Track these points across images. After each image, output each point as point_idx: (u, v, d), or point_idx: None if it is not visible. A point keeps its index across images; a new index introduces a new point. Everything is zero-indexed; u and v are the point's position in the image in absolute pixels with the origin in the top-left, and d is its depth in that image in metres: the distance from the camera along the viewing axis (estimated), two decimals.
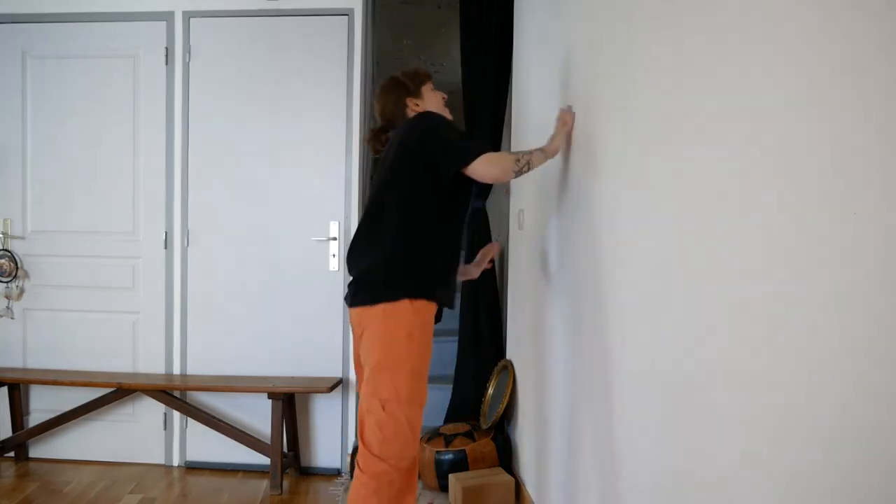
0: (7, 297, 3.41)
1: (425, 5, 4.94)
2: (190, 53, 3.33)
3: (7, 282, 3.39)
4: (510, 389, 2.99)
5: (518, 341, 3.02)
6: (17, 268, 3.38)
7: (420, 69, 2.22)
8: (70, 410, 3.27)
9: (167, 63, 3.34)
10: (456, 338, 3.45)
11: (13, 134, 3.40)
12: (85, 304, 3.39)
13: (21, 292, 3.42)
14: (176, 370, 3.36)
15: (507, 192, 3.44)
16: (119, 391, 3.21)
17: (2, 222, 3.41)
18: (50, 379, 3.22)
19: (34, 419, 3.38)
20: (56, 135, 3.39)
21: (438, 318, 2.00)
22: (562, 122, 2.00)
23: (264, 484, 3.14)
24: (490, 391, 3.17)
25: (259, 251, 3.32)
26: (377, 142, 2.20)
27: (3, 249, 3.38)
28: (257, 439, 3.16)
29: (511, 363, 3.11)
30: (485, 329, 3.33)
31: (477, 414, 3.23)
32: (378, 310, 1.85)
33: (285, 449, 3.22)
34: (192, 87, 3.33)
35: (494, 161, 1.91)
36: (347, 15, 3.28)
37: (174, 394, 3.25)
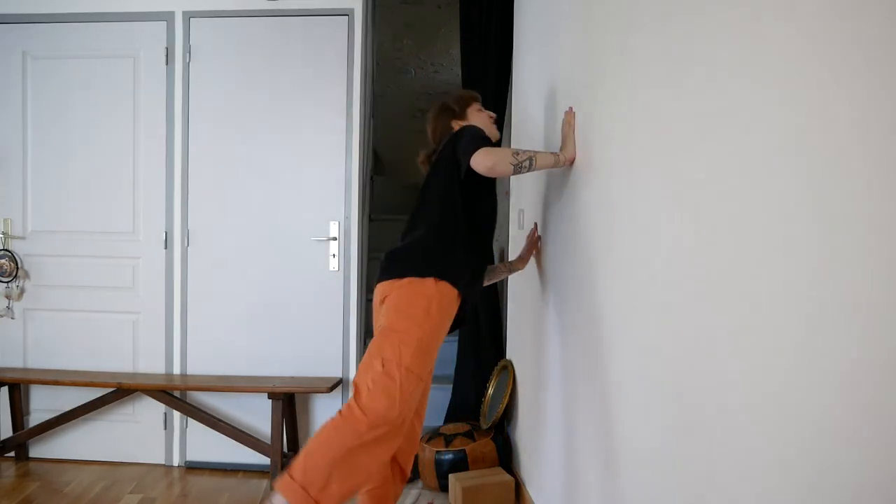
0: (7, 297, 3.41)
1: (425, 5, 4.94)
2: (190, 53, 3.33)
3: (7, 282, 3.39)
4: (510, 389, 2.99)
5: (518, 341, 3.02)
6: (18, 268, 3.39)
7: (467, 93, 2.34)
8: (70, 410, 3.27)
9: (167, 63, 3.35)
10: (456, 338, 3.45)
11: (13, 134, 3.40)
12: (85, 304, 3.39)
13: (21, 292, 3.42)
14: (176, 370, 3.36)
15: (508, 193, 3.44)
16: (119, 391, 3.21)
17: (2, 222, 3.42)
18: (50, 379, 3.22)
19: (34, 419, 3.38)
20: (56, 135, 3.39)
21: (461, 323, 2.10)
22: (568, 126, 2.00)
23: (264, 484, 3.14)
24: (490, 391, 3.17)
25: (259, 251, 3.32)
26: (429, 163, 2.31)
27: (4, 249, 3.38)
28: (257, 439, 3.16)
29: (511, 363, 3.11)
30: (485, 329, 3.33)
31: (477, 414, 3.23)
32: (404, 281, 1.93)
33: (285, 449, 3.22)
34: (192, 87, 3.33)
35: (490, 152, 1.98)
36: (347, 15, 3.28)
37: (174, 394, 3.25)
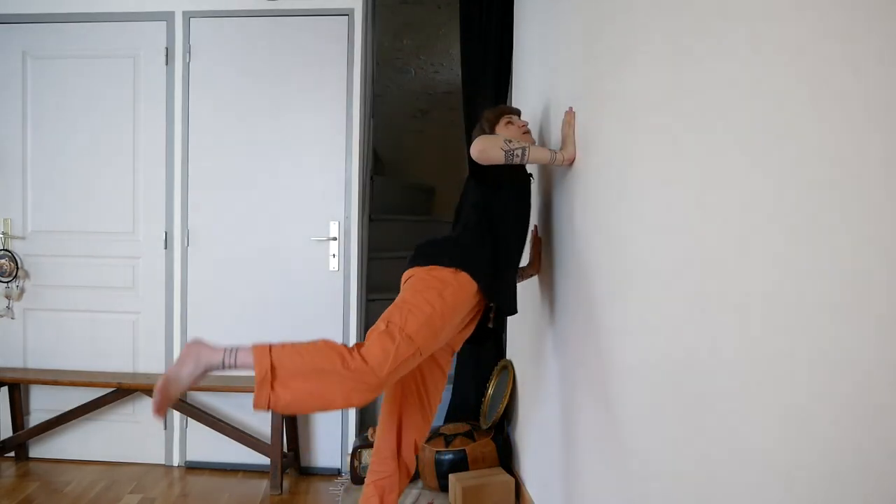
0: (7, 297, 3.41)
1: (425, 5, 4.94)
2: (190, 53, 3.33)
3: (7, 282, 3.39)
4: (510, 389, 2.99)
5: (518, 341, 3.02)
6: (18, 268, 3.39)
7: (500, 109, 2.38)
8: (70, 410, 3.27)
9: (167, 63, 3.35)
10: None
11: (13, 134, 3.40)
12: (85, 304, 3.39)
13: (21, 292, 3.42)
14: None
15: None
16: (119, 391, 3.21)
17: (2, 222, 3.42)
18: (50, 379, 3.23)
19: (34, 419, 3.38)
20: (56, 135, 3.39)
21: (488, 336, 2.18)
22: (568, 126, 2.02)
23: (264, 484, 3.14)
24: (490, 391, 3.17)
25: (259, 251, 3.32)
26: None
27: (4, 249, 3.38)
28: (257, 439, 3.16)
29: (511, 363, 3.11)
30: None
31: (477, 414, 3.23)
32: (425, 269, 2.00)
33: (285, 449, 3.22)
34: (192, 87, 3.33)
35: (481, 138, 2.06)
36: (347, 15, 3.28)
37: None
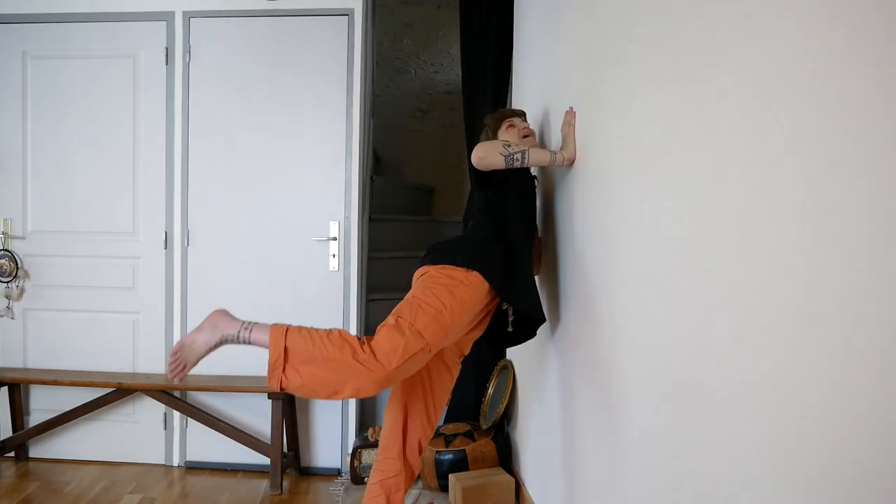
0: (7, 297, 3.41)
1: (425, 5, 4.94)
2: (190, 53, 3.33)
3: (7, 282, 3.39)
4: (510, 389, 2.99)
5: None
6: (18, 268, 3.39)
7: (502, 113, 2.39)
8: (70, 410, 3.27)
9: (167, 63, 3.35)
10: None
11: (13, 134, 3.40)
12: (85, 304, 3.39)
13: (21, 292, 3.42)
14: None
15: None
16: (119, 391, 3.21)
17: (2, 222, 3.42)
18: (50, 379, 3.23)
19: (34, 419, 3.38)
20: (56, 135, 3.39)
21: (506, 341, 2.21)
22: (569, 126, 2.02)
23: (264, 484, 3.14)
24: (490, 391, 3.17)
25: (259, 251, 3.32)
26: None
27: (4, 249, 3.38)
28: (257, 439, 3.16)
29: (511, 363, 3.11)
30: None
31: (477, 414, 3.23)
32: (439, 266, 1.99)
33: (285, 449, 3.22)
34: (192, 88, 3.33)
35: (481, 145, 2.04)
36: (347, 15, 3.28)
37: (174, 394, 3.25)
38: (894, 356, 0.71)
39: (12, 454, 3.36)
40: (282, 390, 1.75)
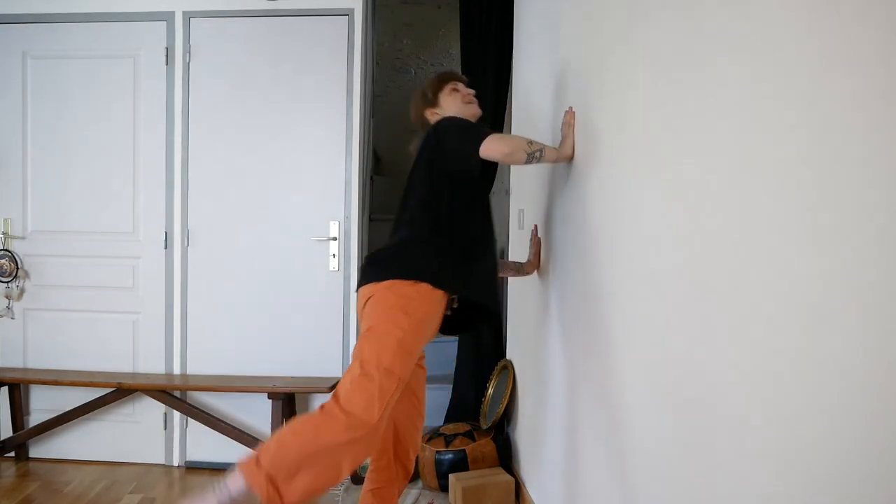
0: (7, 297, 3.41)
1: (425, 5, 4.94)
2: (190, 53, 3.33)
3: (7, 282, 3.39)
4: (510, 389, 2.99)
5: (518, 341, 3.02)
6: (18, 268, 3.38)
7: (441, 75, 2.23)
8: (70, 410, 3.27)
9: (167, 63, 3.34)
10: (456, 338, 3.45)
11: (13, 134, 3.40)
12: (85, 304, 3.39)
13: (21, 292, 3.42)
14: (176, 370, 3.36)
15: (508, 192, 3.44)
16: (119, 391, 3.21)
17: (2, 222, 3.42)
18: (50, 379, 3.22)
19: (34, 419, 3.38)
20: (56, 135, 3.39)
21: (468, 325, 2.12)
22: (568, 125, 2.00)
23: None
24: (490, 391, 3.17)
25: (259, 251, 3.32)
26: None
27: (4, 249, 3.38)
28: (257, 439, 3.16)
29: (511, 363, 3.11)
30: (485, 329, 3.33)
31: (477, 414, 3.23)
32: (384, 284, 1.89)
33: None
34: (193, 87, 3.33)
35: (504, 139, 1.95)
36: (347, 15, 3.28)
37: (174, 394, 3.25)
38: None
39: (12, 454, 3.36)
40: None
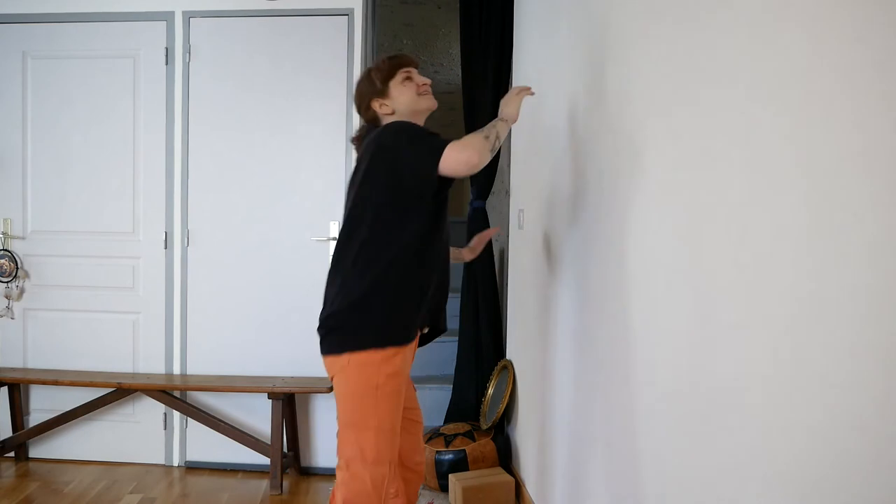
0: (7, 297, 3.41)
1: (425, 5, 4.94)
2: (190, 53, 3.33)
3: (7, 282, 3.39)
4: (510, 389, 2.99)
5: (518, 341, 3.02)
6: (18, 268, 3.38)
7: (391, 59, 1.91)
8: (70, 410, 3.27)
9: (167, 63, 3.34)
10: (456, 338, 3.45)
11: (13, 134, 3.40)
12: (85, 304, 3.39)
13: (21, 292, 3.42)
14: (176, 370, 3.36)
15: (508, 193, 3.44)
16: (119, 391, 3.21)
17: (2, 222, 3.41)
18: (50, 379, 3.22)
19: (34, 419, 3.38)
20: (56, 135, 3.39)
21: (434, 333, 1.93)
22: (518, 91, 1.86)
23: (264, 484, 3.14)
24: (490, 391, 3.17)
25: (259, 251, 3.32)
26: (359, 142, 1.98)
27: (3, 249, 3.38)
28: (257, 439, 3.16)
29: (511, 363, 3.11)
30: (485, 329, 3.33)
31: (477, 414, 3.23)
32: (343, 360, 1.72)
33: (285, 449, 3.22)
34: (192, 87, 3.33)
35: (465, 145, 1.68)
36: (347, 15, 3.28)
37: (174, 394, 3.25)
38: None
39: (12, 454, 3.36)
40: None
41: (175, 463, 3.38)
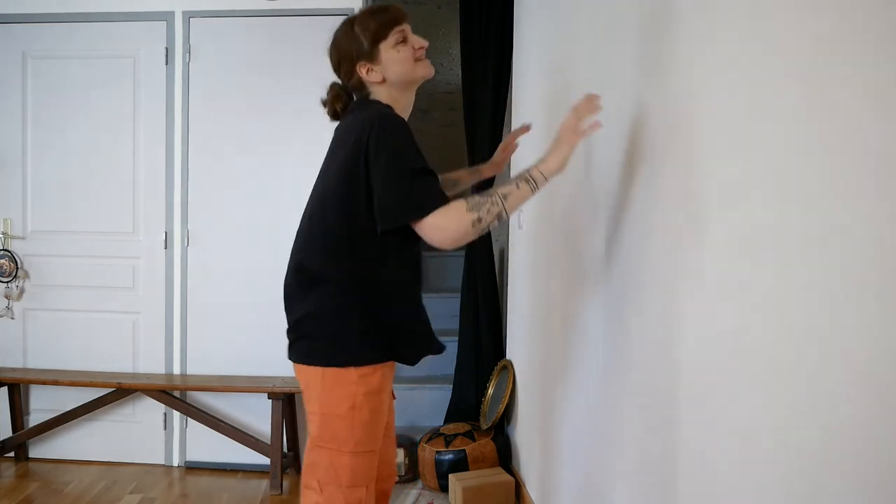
0: (7, 297, 3.41)
1: (425, 5, 4.94)
2: (190, 53, 3.33)
3: (7, 282, 3.39)
4: (510, 389, 2.99)
5: (518, 341, 3.02)
6: (18, 268, 3.38)
7: (381, 15, 1.62)
8: (70, 410, 3.27)
9: (167, 63, 3.34)
10: (456, 338, 3.45)
11: (13, 134, 3.40)
12: (85, 304, 3.39)
13: (21, 292, 3.42)
14: (176, 370, 3.36)
15: None
16: (119, 391, 3.21)
17: (2, 222, 3.41)
18: (50, 379, 3.22)
19: (34, 419, 3.37)
20: (56, 135, 3.39)
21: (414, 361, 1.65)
22: (572, 132, 1.44)
23: (264, 484, 3.14)
24: (490, 391, 3.17)
25: (259, 251, 3.32)
26: (334, 109, 1.72)
27: (3, 249, 3.38)
28: (257, 439, 3.16)
29: (511, 363, 3.10)
30: (485, 329, 3.33)
31: (477, 414, 3.23)
32: (317, 372, 1.51)
33: (285, 449, 3.22)
34: (192, 87, 3.33)
35: (457, 216, 1.42)
36: (347, 15, 3.27)
37: (174, 394, 3.25)
38: None
39: (12, 454, 3.36)
40: None
41: (175, 463, 3.37)
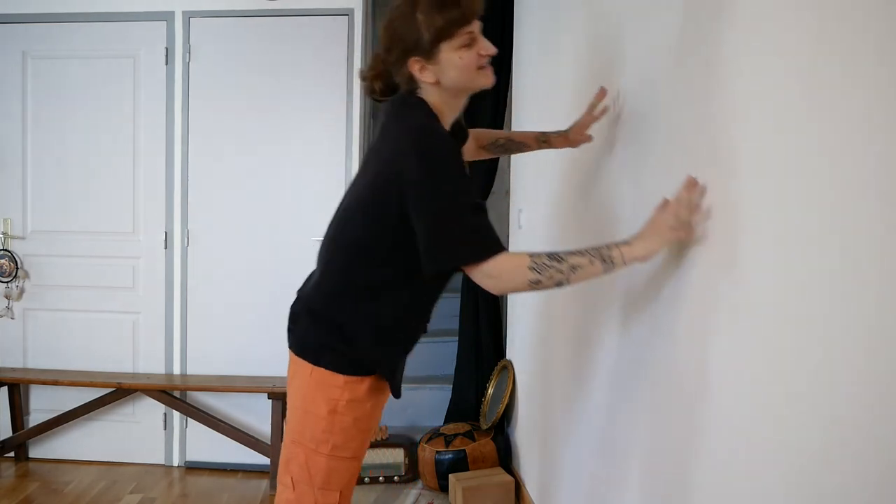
0: (7, 297, 3.41)
1: None
2: (190, 53, 3.33)
3: (7, 282, 3.39)
4: (510, 389, 2.99)
5: (518, 341, 3.02)
6: (18, 268, 3.38)
7: (455, 11, 1.34)
8: (70, 410, 3.27)
9: (167, 63, 3.34)
10: (456, 338, 3.45)
11: (13, 134, 3.40)
12: (85, 304, 3.39)
13: (21, 292, 3.42)
14: (176, 370, 3.36)
15: (507, 192, 3.44)
16: (119, 391, 3.21)
17: (2, 222, 3.41)
18: (50, 379, 3.22)
19: (34, 419, 3.37)
20: (56, 135, 3.39)
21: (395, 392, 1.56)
22: (686, 209, 1.13)
23: (264, 484, 3.14)
24: (490, 391, 3.17)
25: (259, 251, 3.32)
26: (373, 88, 1.50)
27: (3, 249, 3.38)
28: (257, 439, 3.16)
29: (511, 363, 3.10)
30: (485, 329, 3.33)
31: (477, 414, 3.23)
32: (306, 367, 1.48)
33: None
34: (192, 87, 3.33)
35: (500, 271, 1.31)
36: (347, 15, 3.28)
37: (174, 394, 3.25)
38: None
39: (12, 454, 3.36)
40: None
41: (175, 463, 3.37)
